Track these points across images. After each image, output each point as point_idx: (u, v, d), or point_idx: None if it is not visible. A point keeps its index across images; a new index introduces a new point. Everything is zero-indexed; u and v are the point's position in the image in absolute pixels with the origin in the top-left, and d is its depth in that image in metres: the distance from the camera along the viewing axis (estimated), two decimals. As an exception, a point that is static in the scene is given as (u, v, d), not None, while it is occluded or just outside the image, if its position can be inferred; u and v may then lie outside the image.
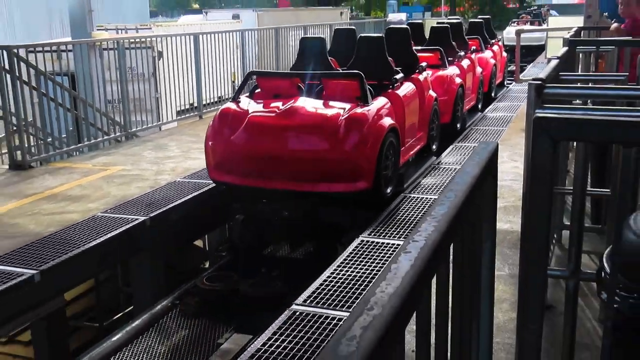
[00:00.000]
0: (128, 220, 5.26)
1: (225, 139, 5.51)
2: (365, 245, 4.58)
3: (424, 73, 7.24)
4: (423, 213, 5.29)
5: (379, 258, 4.35)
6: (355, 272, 4.13)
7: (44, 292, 4.38)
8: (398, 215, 5.21)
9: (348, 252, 4.47)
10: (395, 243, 4.63)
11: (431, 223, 1.07)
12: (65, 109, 8.70)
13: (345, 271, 4.15)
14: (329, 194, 5.42)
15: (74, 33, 9.90)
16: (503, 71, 13.41)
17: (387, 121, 5.56)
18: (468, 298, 1.44)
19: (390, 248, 4.53)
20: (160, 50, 10.09)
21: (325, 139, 5.24)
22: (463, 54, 9.71)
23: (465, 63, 9.49)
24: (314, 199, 5.67)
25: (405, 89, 6.47)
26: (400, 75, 6.45)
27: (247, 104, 5.80)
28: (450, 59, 9.04)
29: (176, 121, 10.28)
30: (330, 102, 5.61)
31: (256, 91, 6.17)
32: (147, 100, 9.93)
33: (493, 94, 11.60)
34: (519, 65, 13.17)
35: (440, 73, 8.26)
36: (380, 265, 4.24)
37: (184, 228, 5.78)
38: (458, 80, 8.63)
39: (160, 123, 10.00)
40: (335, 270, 4.17)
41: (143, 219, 5.31)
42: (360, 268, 4.19)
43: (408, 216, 5.19)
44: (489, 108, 10.50)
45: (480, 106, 10.36)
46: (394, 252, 4.44)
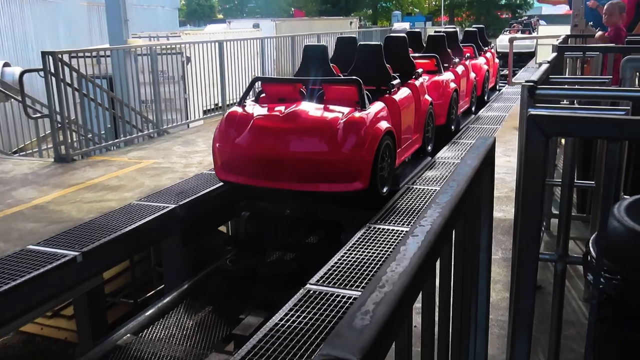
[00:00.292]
0: (160, 207, 5.28)
1: (231, 140, 5.34)
2: (372, 231, 4.57)
3: (420, 79, 7.06)
4: (425, 203, 5.27)
5: (385, 243, 4.34)
6: (363, 255, 4.12)
7: (85, 272, 4.41)
8: (402, 205, 5.19)
9: (357, 238, 4.46)
10: (399, 229, 4.61)
11: (436, 210, 1.06)
12: (104, 108, 8.74)
13: (354, 254, 4.14)
14: (328, 194, 5.24)
15: (111, 40, 9.93)
16: (495, 76, 13.23)
17: (384, 125, 5.39)
18: (468, 278, 1.43)
19: (395, 233, 4.52)
20: (189, 55, 10.10)
21: (324, 141, 5.06)
22: (458, 60, 9.53)
23: (459, 69, 9.35)
24: (314, 198, 5.53)
25: (402, 94, 6.28)
26: (397, 81, 6.31)
27: (252, 108, 5.59)
28: (446, 65, 8.91)
29: (202, 119, 10.30)
30: (330, 107, 5.39)
31: (261, 96, 5.98)
32: (177, 100, 9.96)
33: (486, 98, 11.41)
34: (511, 69, 13.07)
35: (436, 78, 8.09)
36: (386, 249, 4.23)
37: (210, 215, 5.79)
38: (453, 85, 8.48)
39: (188, 121, 10.02)
40: (345, 253, 4.17)
41: (173, 206, 5.33)
42: (368, 252, 4.18)
43: (411, 205, 5.17)
44: (483, 108, 10.39)
45: (473, 109, 10.20)
46: (398, 238, 4.45)
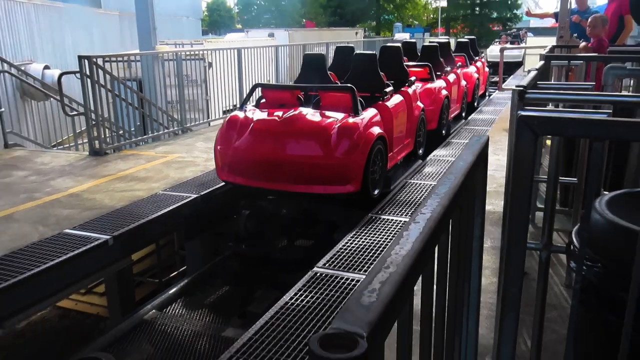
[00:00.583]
0: (183, 197, 5.29)
1: (231, 143, 5.17)
2: (374, 221, 4.56)
3: (413, 86, 6.87)
4: (422, 196, 5.25)
5: (386, 231, 4.33)
6: (366, 242, 4.11)
7: (115, 254, 4.42)
8: (402, 197, 5.18)
9: (360, 226, 4.45)
10: (399, 219, 4.60)
11: (435, 199, 1.05)
12: (134, 107, 8.77)
13: (358, 241, 4.14)
14: (322, 195, 5.06)
15: (141, 46, 9.92)
16: (485, 83, 12.99)
17: (376, 130, 5.20)
18: (462, 263, 1.42)
19: (395, 223, 4.51)
20: (210, 61, 10.09)
21: (319, 145, 4.87)
22: (450, 69, 9.33)
23: (451, 77, 9.14)
24: (310, 198, 5.36)
25: (394, 101, 6.07)
26: (390, 88, 6.11)
27: (252, 112, 5.41)
28: (439, 73, 8.72)
29: (222, 119, 10.28)
30: (326, 113, 5.20)
31: (262, 101, 5.81)
32: (199, 101, 9.96)
33: (476, 104, 11.21)
34: (501, 76, 12.97)
35: (428, 86, 7.90)
36: (387, 237, 4.22)
37: (229, 204, 5.79)
38: (444, 92, 8.28)
39: (209, 120, 10.01)
40: (349, 240, 4.16)
41: (195, 196, 5.33)
42: (370, 239, 4.18)
43: (410, 198, 5.16)
44: (474, 112, 10.27)
45: (464, 114, 10.01)
46: (398, 227, 4.44)
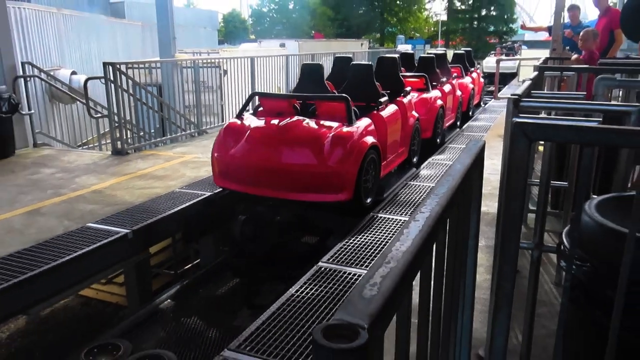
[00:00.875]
0: (198, 194, 5.28)
1: (228, 150, 4.98)
2: (376, 220, 4.54)
3: (409, 96, 6.64)
4: (421, 197, 5.22)
5: (386, 229, 4.31)
6: (368, 240, 4.09)
7: (134, 247, 4.42)
8: (401, 198, 5.15)
9: (362, 224, 4.43)
10: (399, 219, 4.58)
11: (434, 199, 1.03)
12: (154, 110, 8.79)
13: (360, 238, 4.12)
14: (316, 202, 4.84)
15: (161, 54, 9.97)
16: (480, 94, 12.70)
17: (369, 139, 4.97)
18: (458, 260, 1.40)
19: (395, 222, 4.48)
20: (225, 69, 10.10)
21: (312, 154, 4.66)
22: (445, 79, 9.10)
23: (446, 87, 8.88)
24: (304, 205, 5.09)
25: (389, 111, 5.83)
26: (385, 98, 5.87)
27: (249, 120, 5.19)
28: (435, 83, 8.51)
29: (235, 122, 10.30)
30: (321, 122, 4.98)
31: (259, 109, 5.58)
32: (215, 106, 9.97)
33: (471, 113, 10.94)
34: (497, 85, 12.93)
35: (424, 95, 7.70)
36: (387, 234, 4.20)
37: (241, 202, 5.75)
38: (439, 102, 8.02)
39: (223, 123, 10.01)
40: (351, 237, 4.14)
41: (209, 194, 5.32)
42: (372, 236, 4.16)
43: (409, 199, 5.13)
44: (470, 119, 10.13)
45: (458, 123, 9.73)
46: (398, 225, 4.41)
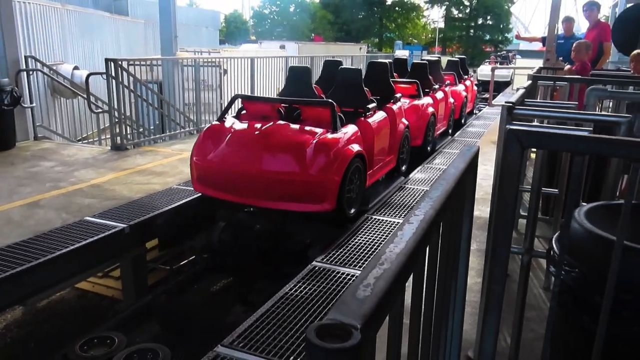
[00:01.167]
0: (195, 191, 5.26)
1: (207, 154, 4.69)
2: (369, 221, 4.54)
3: (399, 102, 6.33)
4: (415, 199, 5.23)
5: (380, 231, 4.31)
6: (361, 240, 4.09)
7: (131, 241, 4.41)
8: (395, 200, 5.16)
9: (356, 226, 4.43)
10: (393, 220, 4.58)
11: (429, 202, 1.03)
12: (154, 107, 8.76)
13: (354, 239, 4.12)
14: (297, 212, 4.55)
15: (163, 52, 9.94)
16: (473, 101, 12.42)
17: (355, 147, 4.68)
18: (450, 263, 1.40)
19: (388, 223, 4.48)
20: (226, 68, 10.08)
21: (293, 161, 4.36)
22: (438, 86, 8.80)
23: (439, 94, 8.61)
24: (285, 214, 4.78)
25: (377, 118, 5.53)
26: (373, 104, 5.55)
27: (231, 124, 4.89)
28: (427, 90, 8.24)
29: (234, 122, 10.29)
30: (305, 127, 4.69)
31: (242, 112, 5.25)
32: (214, 104, 9.93)
33: (463, 121, 10.70)
34: (492, 93, 12.96)
35: (415, 102, 7.45)
36: (381, 236, 4.20)
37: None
38: (430, 109, 7.75)
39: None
40: (345, 238, 4.14)
41: (206, 191, 5.30)
42: (365, 237, 4.16)
43: (403, 201, 5.13)
44: (465, 125, 10.08)
45: (450, 131, 9.46)
46: (392, 227, 4.41)
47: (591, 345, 1.39)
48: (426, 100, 7.87)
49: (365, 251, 3.88)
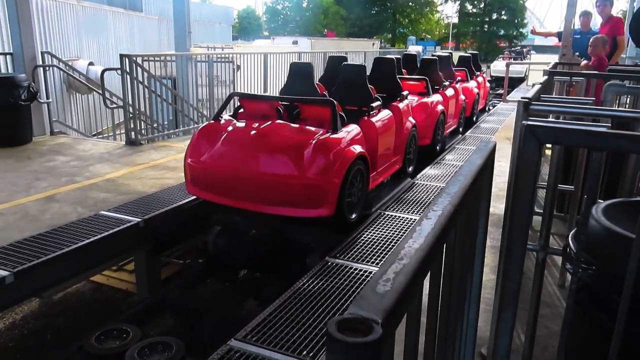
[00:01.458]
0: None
1: (201, 155, 4.45)
2: (383, 217, 4.53)
3: (406, 100, 6.02)
4: (428, 196, 5.20)
5: (394, 227, 4.30)
6: (374, 236, 4.08)
7: (145, 235, 4.44)
8: (408, 197, 5.14)
9: (369, 221, 4.42)
10: (406, 217, 4.56)
11: (446, 198, 1.03)
12: (168, 103, 8.80)
13: (367, 235, 4.11)
14: (293, 218, 4.27)
15: (177, 48, 9.97)
16: (485, 98, 11.95)
17: (356, 149, 4.41)
18: (466, 259, 1.40)
19: (403, 220, 4.47)
20: (239, 64, 10.10)
21: (290, 164, 4.09)
22: (448, 83, 8.44)
23: (449, 91, 8.28)
24: (283, 219, 4.44)
25: (381, 117, 5.25)
26: (378, 102, 5.29)
27: (226, 123, 4.65)
28: (437, 87, 7.93)
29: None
30: (304, 127, 4.44)
31: (239, 111, 4.99)
32: (227, 100, 9.96)
33: (474, 119, 10.30)
34: (506, 89, 12.83)
35: (424, 100, 7.15)
36: (393, 232, 4.19)
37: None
38: (440, 107, 7.42)
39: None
40: (358, 234, 4.14)
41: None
42: (378, 234, 4.15)
43: (417, 198, 5.11)
44: (479, 121, 9.88)
45: (461, 129, 9.09)
46: (404, 223, 4.39)
47: (608, 343, 1.38)
48: (435, 97, 7.59)
49: (378, 247, 3.87)
